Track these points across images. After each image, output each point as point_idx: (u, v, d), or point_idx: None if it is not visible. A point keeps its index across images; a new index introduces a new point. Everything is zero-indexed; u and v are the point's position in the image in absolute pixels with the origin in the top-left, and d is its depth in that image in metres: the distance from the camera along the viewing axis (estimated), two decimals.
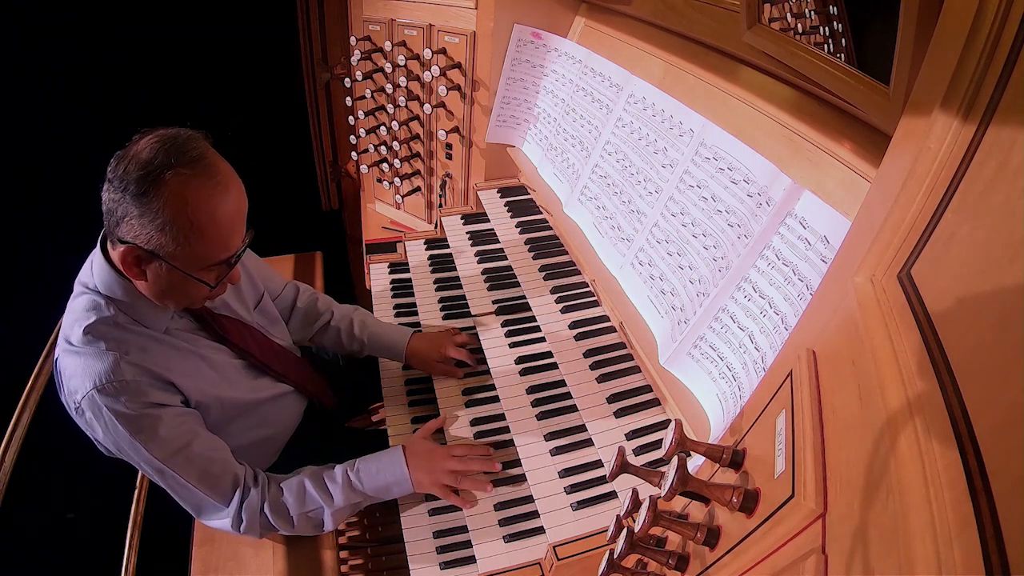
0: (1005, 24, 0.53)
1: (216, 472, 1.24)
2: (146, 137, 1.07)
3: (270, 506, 1.28)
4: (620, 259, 1.48)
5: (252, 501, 1.27)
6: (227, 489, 1.26)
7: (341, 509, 1.32)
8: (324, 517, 1.32)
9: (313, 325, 1.65)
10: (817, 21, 1.06)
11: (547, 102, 1.93)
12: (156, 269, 1.11)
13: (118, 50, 2.27)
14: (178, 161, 1.04)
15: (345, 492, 1.31)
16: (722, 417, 1.12)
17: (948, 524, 0.41)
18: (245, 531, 1.28)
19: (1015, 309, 0.44)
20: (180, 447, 1.19)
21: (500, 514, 1.30)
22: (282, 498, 1.30)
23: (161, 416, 1.16)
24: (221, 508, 1.27)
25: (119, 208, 1.05)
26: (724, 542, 0.69)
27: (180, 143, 1.06)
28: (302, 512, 1.30)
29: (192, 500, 1.25)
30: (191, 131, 1.10)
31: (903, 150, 0.68)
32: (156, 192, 1.03)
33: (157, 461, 1.17)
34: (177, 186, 1.03)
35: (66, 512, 2.34)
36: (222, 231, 1.10)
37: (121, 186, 1.04)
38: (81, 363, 1.11)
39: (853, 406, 0.61)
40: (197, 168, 1.06)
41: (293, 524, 1.30)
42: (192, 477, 1.21)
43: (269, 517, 1.28)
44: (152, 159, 1.03)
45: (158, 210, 1.03)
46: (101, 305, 1.15)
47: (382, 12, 2.13)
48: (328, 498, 1.31)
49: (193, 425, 1.23)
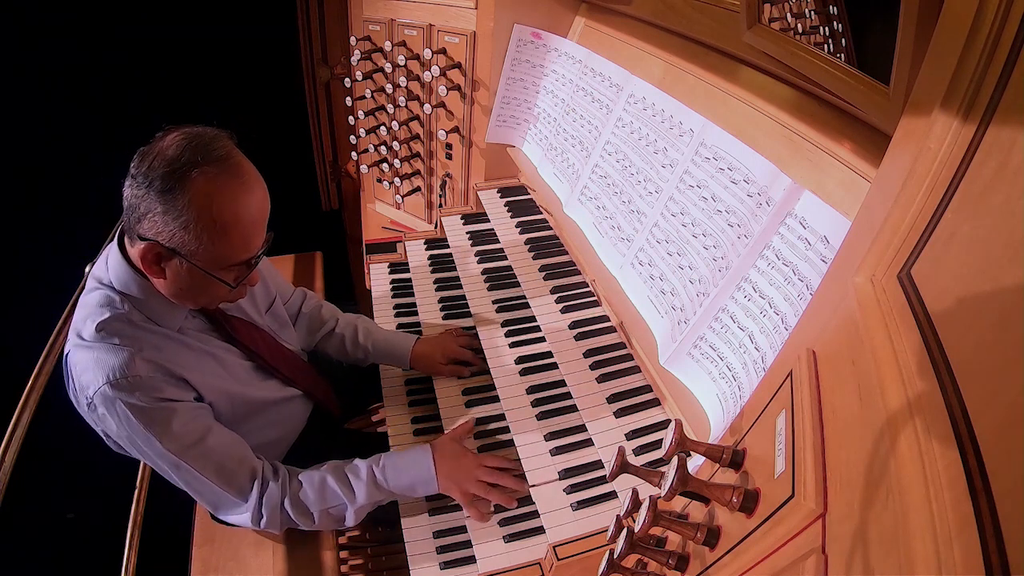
0: (1005, 24, 0.54)
1: (232, 466, 1.23)
2: (171, 134, 1.07)
3: (291, 501, 1.26)
4: (620, 259, 1.48)
5: (272, 496, 1.25)
6: (245, 484, 1.24)
7: (364, 506, 1.30)
8: (346, 513, 1.30)
9: (317, 332, 1.65)
10: (817, 21, 1.06)
11: (547, 102, 1.93)
12: (176, 267, 1.10)
13: (118, 50, 2.27)
14: (205, 159, 1.03)
15: (369, 489, 1.29)
16: (722, 417, 1.12)
17: (948, 524, 0.41)
18: (266, 526, 1.27)
19: (1015, 309, 0.44)
20: (195, 440, 1.17)
21: (500, 514, 1.30)
22: (303, 493, 1.28)
23: (176, 409, 1.15)
24: (239, 503, 1.25)
25: (142, 204, 1.04)
26: (724, 542, 0.69)
27: (207, 141, 1.06)
28: (323, 509, 1.28)
29: (210, 495, 1.23)
30: (217, 130, 1.10)
31: (903, 150, 0.68)
32: (181, 189, 1.02)
33: (172, 455, 1.16)
34: (203, 184, 1.03)
35: (66, 512, 2.34)
36: (245, 231, 1.10)
37: (145, 182, 1.03)
38: (94, 357, 1.10)
39: (853, 406, 0.61)
40: (223, 167, 1.05)
41: (315, 520, 1.29)
42: (208, 471, 1.20)
43: (290, 512, 1.26)
44: (179, 156, 1.03)
45: (183, 207, 1.03)
46: (116, 301, 1.14)
47: (382, 12, 2.13)
48: (351, 494, 1.29)
49: (207, 419, 1.22)
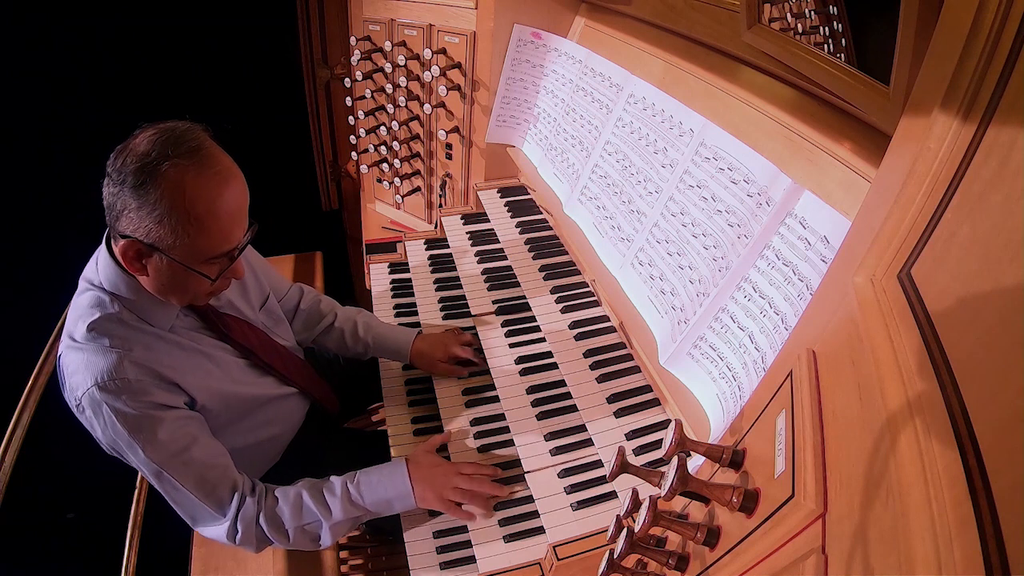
0: (1005, 24, 0.53)
1: (214, 479, 1.21)
2: (145, 131, 1.06)
3: (266, 517, 1.24)
4: (620, 259, 1.48)
5: (248, 511, 1.23)
6: (224, 498, 1.22)
7: (340, 523, 1.27)
8: (321, 532, 1.27)
9: (316, 327, 1.65)
10: (817, 21, 1.06)
11: (547, 102, 1.93)
12: (156, 263, 1.09)
13: (118, 50, 2.27)
14: (175, 152, 1.03)
15: (344, 505, 1.27)
16: (722, 417, 1.12)
17: (948, 524, 0.41)
18: (241, 542, 1.24)
19: (1015, 309, 0.44)
20: (179, 451, 1.16)
21: (500, 514, 1.30)
22: (278, 509, 1.26)
23: (163, 418, 1.14)
24: (217, 517, 1.23)
25: (118, 202, 1.04)
26: (724, 542, 0.69)
27: (178, 135, 1.05)
28: (299, 525, 1.26)
29: (187, 507, 1.22)
30: (190, 123, 1.09)
31: (903, 150, 0.68)
32: (153, 183, 1.01)
33: (154, 464, 1.14)
34: (174, 177, 1.02)
35: (66, 512, 2.34)
36: (222, 223, 1.09)
37: (119, 179, 1.03)
38: (84, 359, 1.10)
39: (853, 406, 0.61)
40: (195, 159, 1.04)
41: (289, 537, 1.26)
42: (189, 482, 1.18)
43: (265, 529, 1.24)
44: (149, 151, 1.02)
45: (155, 201, 1.02)
46: (106, 302, 1.13)
47: (382, 12, 2.13)
48: (326, 511, 1.26)
49: (194, 430, 1.20)
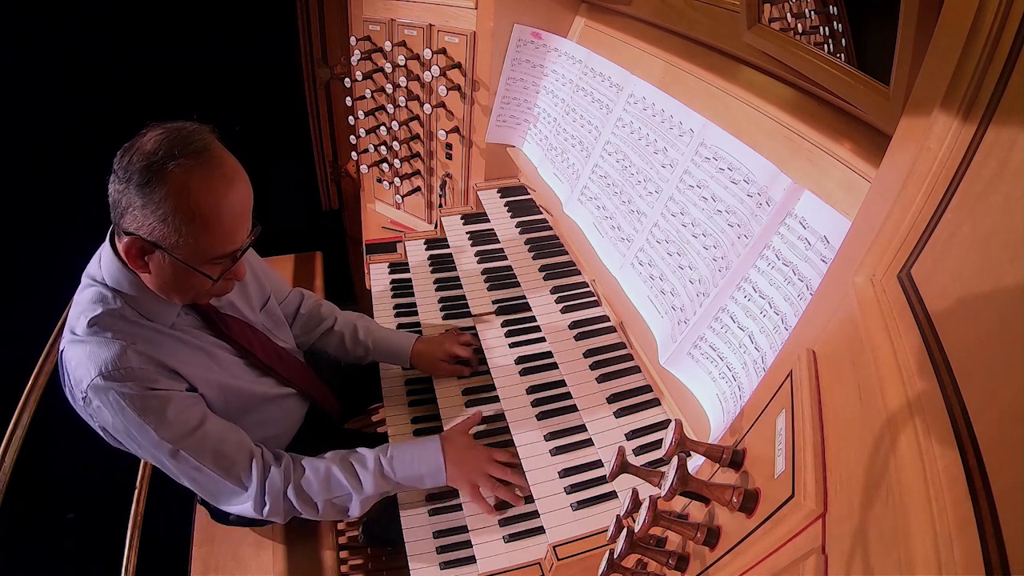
0: (1005, 24, 0.54)
1: (231, 453, 1.22)
2: (152, 130, 1.07)
3: (294, 489, 1.25)
4: (620, 259, 1.48)
5: (275, 483, 1.24)
6: (244, 471, 1.23)
7: (370, 496, 1.29)
8: (351, 504, 1.29)
9: (316, 330, 1.65)
10: (817, 21, 1.06)
11: (547, 102, 1.93)
12: (159, 260, 1.10)
13: (118, 49, 2.27)
14: (182, 152, 1.03)
15: (376, 479, 1.28)
16: (722, 417, 1.12)
17: (948, 524, 0.41)
18: (269, 514, 1.25)
19: (1015, 309, 0.44)
20: (191, 428, 1.17)
21: (500, 514, 1.30)
22: (305, 481, 1.27)
23: (170, 398, 1.15)
24: (239, 491, 1.24)
25: (123, 199, 1.05)
26: (724, 542, 0.69)
27: (185, 135, 1.06)
28: (328, 498, 1.27)
29: (209, 484, 1.22)
30: (197, 124, 1.10)
31: (903, 150, 0.68)
32: (159, 182, 1.02)
33: (168, 444, 1.15)
34: (180, 176, 1.03)
35: (66, 512, 2.34)
36: (225, 224, 1.09)
37: (125, 177, 1.04)
38: (87, 351, 1.10)
39: (853, 406, 0.61)
40: (201, 160, 1.05)
41: (318, 510, 1.28)
42: (206, 459, 1.18)
43: (293, 501, 1.25)
44: (156, 150, 1.03)
45: (160, 200, 1.03)
46: (108, 298, 1.14)
47: (382, 12, 2.13)
48: (357, 485, 1.28)
49: (202, 408, 1.21)
